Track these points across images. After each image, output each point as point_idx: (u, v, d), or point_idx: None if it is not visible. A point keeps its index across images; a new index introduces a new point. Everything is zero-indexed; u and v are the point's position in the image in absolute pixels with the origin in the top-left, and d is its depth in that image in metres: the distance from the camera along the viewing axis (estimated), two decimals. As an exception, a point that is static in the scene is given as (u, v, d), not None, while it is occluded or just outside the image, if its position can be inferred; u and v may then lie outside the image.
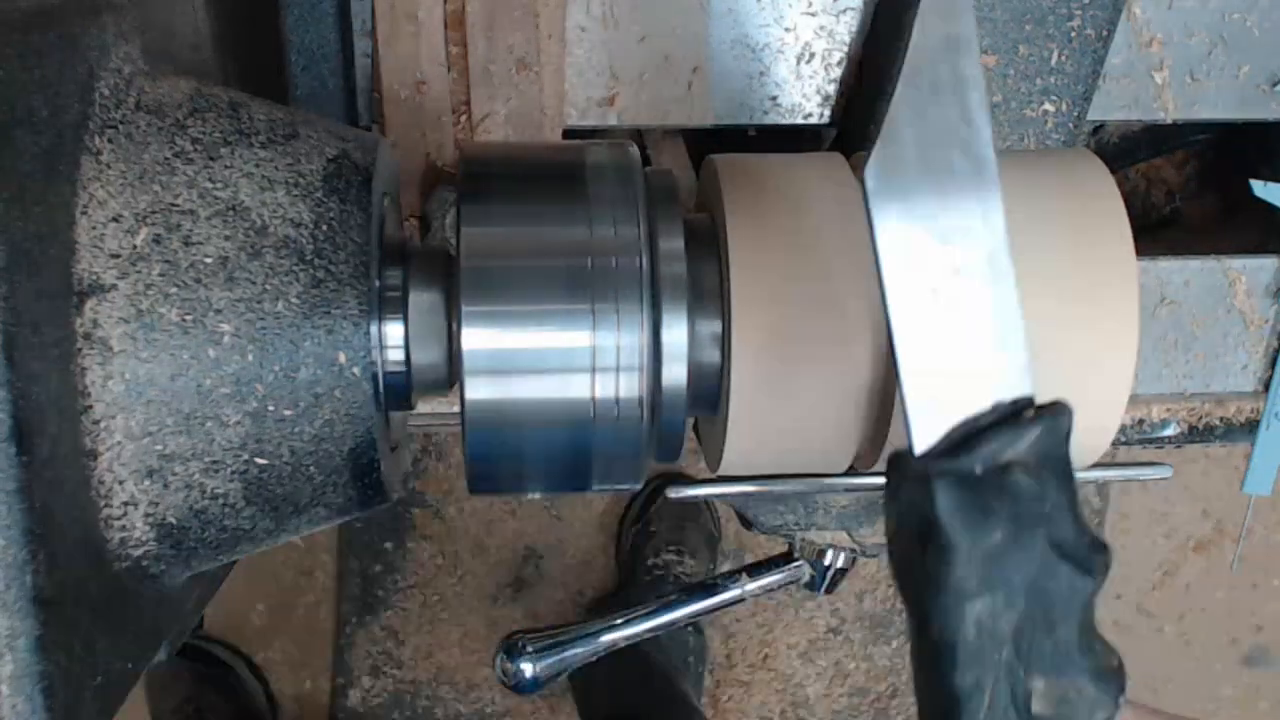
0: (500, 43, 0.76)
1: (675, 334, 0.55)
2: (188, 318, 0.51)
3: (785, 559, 0.71)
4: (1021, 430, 0.47)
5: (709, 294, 0.57)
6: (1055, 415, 0.48)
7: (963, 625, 0.46)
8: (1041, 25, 0.75)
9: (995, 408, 0.48)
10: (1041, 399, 0.49)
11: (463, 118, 0.77)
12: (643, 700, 1.43)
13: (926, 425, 0.47)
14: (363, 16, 0.75)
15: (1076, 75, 0.76)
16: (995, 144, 0.49)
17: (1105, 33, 0.76)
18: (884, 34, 0.78)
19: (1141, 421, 0.92)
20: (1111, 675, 0.48)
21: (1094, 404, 0.57)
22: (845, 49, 0.81)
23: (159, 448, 0.52)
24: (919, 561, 0.47)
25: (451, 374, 0.58)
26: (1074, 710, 0.47)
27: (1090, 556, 0.47)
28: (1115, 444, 0.78)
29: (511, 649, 0.67)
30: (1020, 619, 0.46)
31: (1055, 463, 0.47)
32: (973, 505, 0.46)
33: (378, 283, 0.56)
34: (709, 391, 0.58)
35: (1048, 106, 0.77)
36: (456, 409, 0.55)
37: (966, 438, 0.47)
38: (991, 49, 0.75)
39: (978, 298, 0.48)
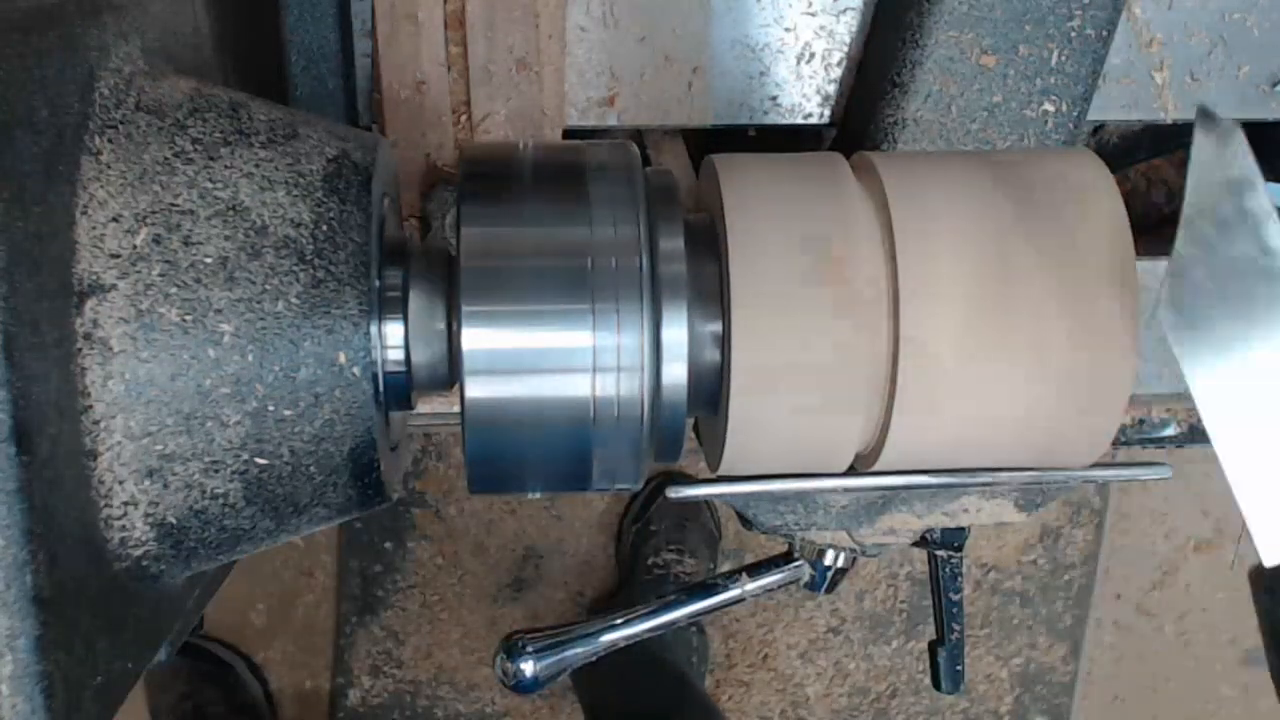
0: (500, 43, 0.76)
1: (675, 334, 0.55)
2: (188, 318, 0.51)
3: (785, 559, 0.71)
4: None
5: (709, 294, 0.57)
6: None
7: None
8: (1041, 25, 0.75)
9: None
10: (1042, 398, 0.49)
11: (463, 118, 0.77)
12: (658, 696, 1.42)
13: (1271, 541, 0.52)
14: (363, 16, 0.75)
15: (1076, 75, 0.76)
16: (999, 145, 0.49)
17: (1105, 33, 0.76)
18: (884, 34, 0.78)
19: (1141, 421, 0.92)
20: None
21: (1094, 405, 0.57)
22: (845, 49, 0.81)
23: (159, 448, 0.52)
24: None
25: (451, 374, 0.58)
26: None
27: None
28: (1115, 444, 0.78)
29: (511, 649, 0.67)
30: None
31: None
32: None
33: (378, 283, 0.56)
34: (709, 391, 0.58)
35: (1048, 106, 0.77)
36: (456, 409, 0.55)
37: None
38: (991, 49, 0.75)
39: None
